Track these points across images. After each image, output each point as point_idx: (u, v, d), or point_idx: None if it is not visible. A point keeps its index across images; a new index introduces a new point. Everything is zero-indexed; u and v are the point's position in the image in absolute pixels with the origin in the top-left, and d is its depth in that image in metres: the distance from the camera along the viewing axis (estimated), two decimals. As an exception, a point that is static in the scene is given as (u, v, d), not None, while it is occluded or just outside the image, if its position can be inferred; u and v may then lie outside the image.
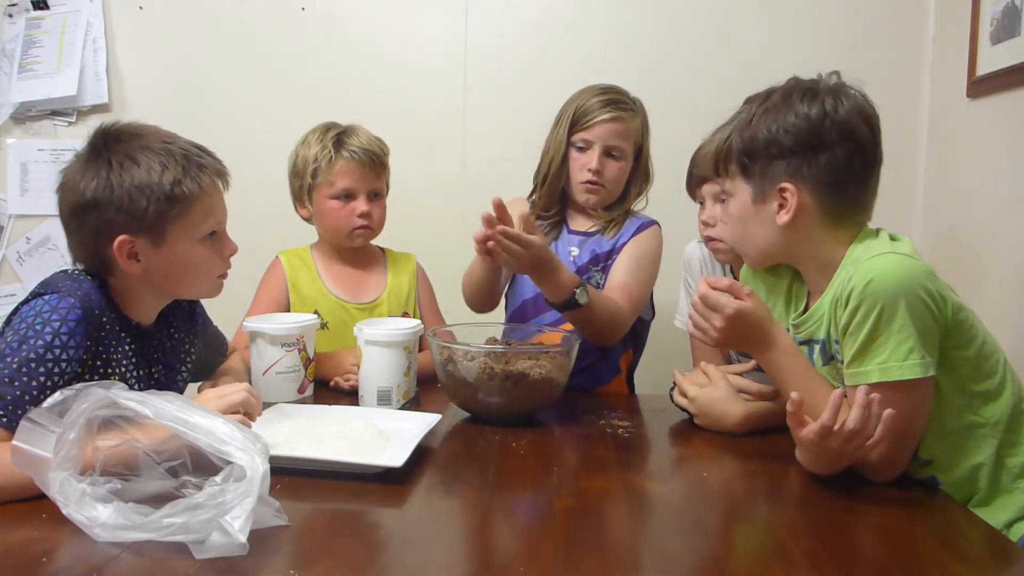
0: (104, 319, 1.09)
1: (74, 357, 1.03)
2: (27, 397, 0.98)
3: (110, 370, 1.11)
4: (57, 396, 0.87)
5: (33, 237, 2.39)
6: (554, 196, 1.71)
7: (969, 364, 1.10)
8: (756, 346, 1.16)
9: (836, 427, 0.99)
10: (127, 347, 1.14)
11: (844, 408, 1.01)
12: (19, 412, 0.92)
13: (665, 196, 1.77)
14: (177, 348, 1.27)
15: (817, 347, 1.18)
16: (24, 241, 2.40)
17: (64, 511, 0.84)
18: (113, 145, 1.11)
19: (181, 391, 1.29)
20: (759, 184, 1.14)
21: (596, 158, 1.64)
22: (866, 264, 1.06)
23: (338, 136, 1.63)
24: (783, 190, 1.12)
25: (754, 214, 1.16)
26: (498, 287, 1.70)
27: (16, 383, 0.98)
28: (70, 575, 0.77)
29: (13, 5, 2.37)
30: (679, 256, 1.75)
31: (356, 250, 1.71)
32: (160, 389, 1.16)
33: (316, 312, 1.62)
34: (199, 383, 1.39)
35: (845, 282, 1.08)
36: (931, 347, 1.05)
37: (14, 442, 0.85)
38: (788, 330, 1.22)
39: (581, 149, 1.66)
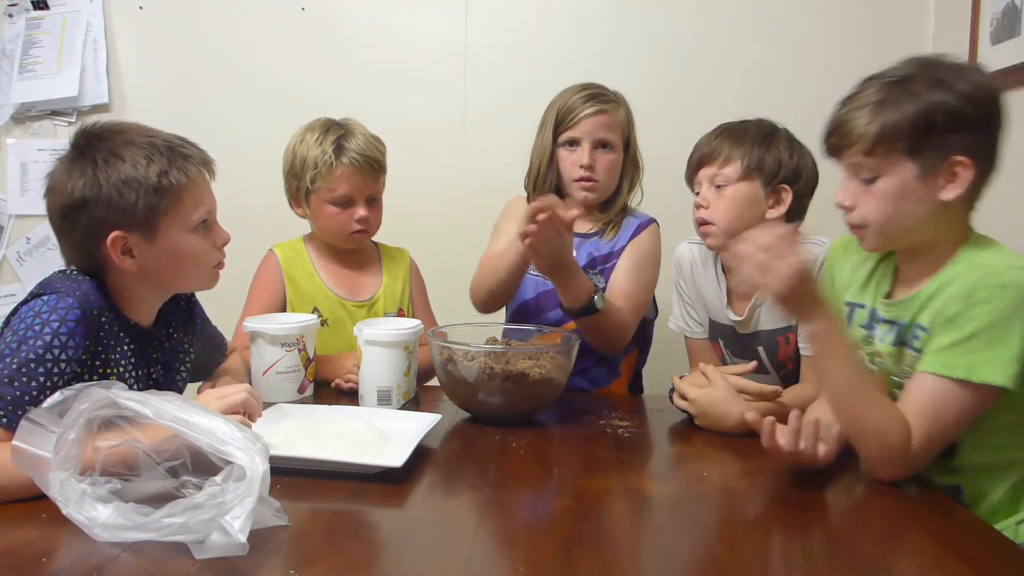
0: (103, 319, 1.09)
1: (73, 358, 1.03)
2: (27, 397, 0.98)
3: (109, 370, 1.11)
4: (57, 396, 0.87)
5: (33, 237, 2.39)
6: (547, 190, 1.69)
7: None
8: (813, 303, 1.08)
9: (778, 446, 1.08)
10: (126, 347, 1.14)
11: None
12: (19, 412, 0.92)
13: (664, 196, 1.77)
14: (176, 348, 1.27)
15: (896, 329, 1.17)
16: (24, 241, 2.40)
17: (64, 511, 0.84)
18: (96, 143, 1.11)
19: (180, 391, 1.29)
20: (929, 158, 1.07)
21: (587, 153, 1.63)
22: (1011, 274, 1.06)
23: (338, 140, 1.60)
24: (955, 164, 1.07)
25: (914, 191, 1.09)
26: (515, 289, 1.68)
27: (16, 383, 0.98)
28: (70, 575, 0.77)
29: (13, 5, 2.37)
30: (676, 256, 1.75)
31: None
32: (159, 389, 1.16)
33: (315, 309, 1.62)
34: (199, 383, 1.39)
35: (971, 279, 1.07)
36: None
37: (14, 442, 0.85)
38: (875, 309, 1.21)
39: (571, 147, 1.66)
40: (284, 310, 1.64)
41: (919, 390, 1.08)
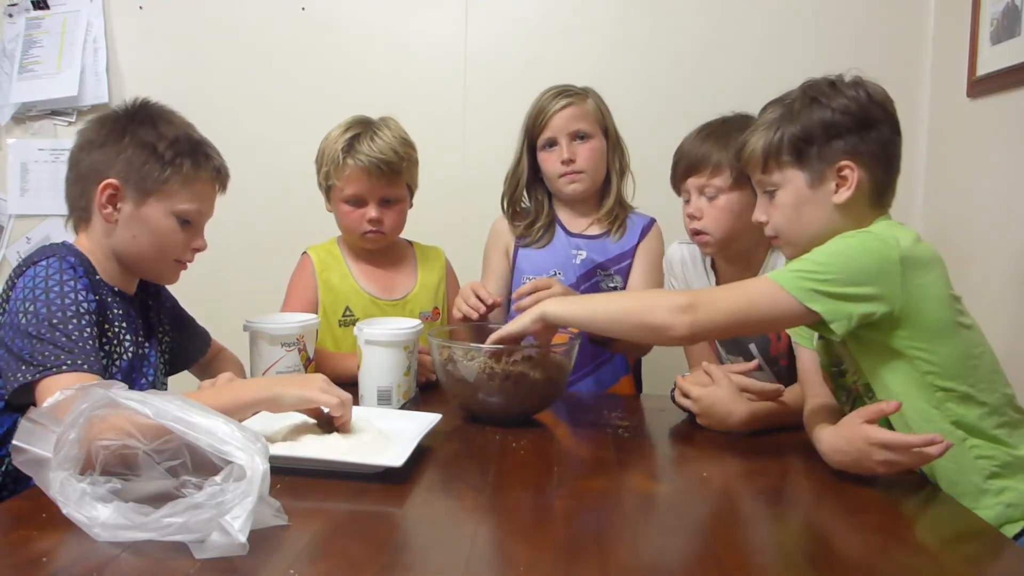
0: (96, 277, 1.18)
1: (91, 310, 1.11)
2: (89, 345, 1.06)
3: (110, 330, 1.18)
4: (57, 396, 0.87)
5: (33, 237, 2.39)
6: (518, 196, 1.77)
7: (952, 360, 1.12)
8: None
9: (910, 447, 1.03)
10: (116, 309, 1.20)
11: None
12: (83, 356, 1.03)
13: (661, 195, 1.76)
14: (158, 323, 1.34)
15: None
16: (24, 241, 2.40)
17: (64, 511, 0.84)
18: (143, 112, 1.23)
19: (164, 365, 1.35)
20: (816, 167, 1.18)
21: (565, 147, 1.67)
22: (853, 231, 1.15)
23: (351, 140, 1.60)
24: (842, 168, 1.17)
25: (809, 198, 1.19)
26: None
27: (68, 337, 1.05)
28: (70, 575, 0.77)
29: (13, 5, 2.37)
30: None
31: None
32: (148, 358, 1.27)
33: (347, 308, 1.63)
34: (198, 383, 1.39)
35: None
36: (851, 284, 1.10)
37: (14, 442, 0.85)
38: None
39: (550, 149, 1.69)
40: (318, 311, 1.65)
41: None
